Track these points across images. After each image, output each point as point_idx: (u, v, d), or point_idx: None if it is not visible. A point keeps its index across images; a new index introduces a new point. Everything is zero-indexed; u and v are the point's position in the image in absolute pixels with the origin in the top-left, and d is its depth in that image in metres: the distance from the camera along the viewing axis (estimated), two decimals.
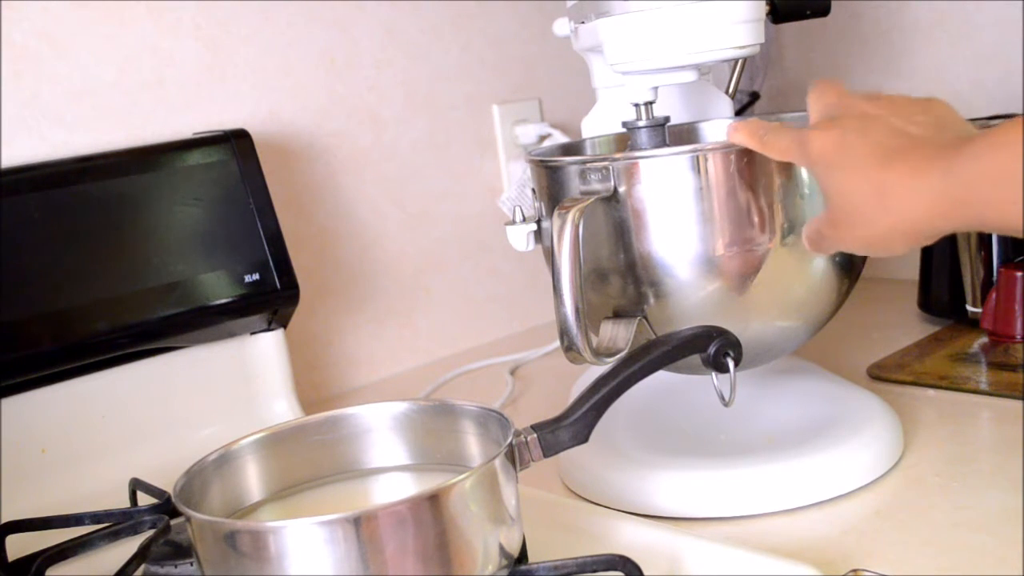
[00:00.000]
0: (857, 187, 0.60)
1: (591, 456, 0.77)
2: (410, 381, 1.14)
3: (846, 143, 0.61)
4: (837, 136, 0.62)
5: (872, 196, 0.59)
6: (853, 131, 0.61)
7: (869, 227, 0.60)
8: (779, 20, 0.94)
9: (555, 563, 0.58)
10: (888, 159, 0.58)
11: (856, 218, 0.61)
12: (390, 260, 1.16)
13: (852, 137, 0.61)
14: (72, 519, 0.73)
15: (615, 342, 0.75)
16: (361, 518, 0.52)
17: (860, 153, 0.60)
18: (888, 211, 0.58)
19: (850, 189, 0.60)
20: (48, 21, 0.92)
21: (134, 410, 0.90)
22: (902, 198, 0.57)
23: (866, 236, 0.61)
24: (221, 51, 1.03)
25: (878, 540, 0.67)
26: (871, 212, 0.59)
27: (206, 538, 0.56)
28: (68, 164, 0.88)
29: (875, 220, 0.59)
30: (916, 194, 0.56)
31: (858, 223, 0.61)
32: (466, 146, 1.23)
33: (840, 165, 0.61)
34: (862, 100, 0.64)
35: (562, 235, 0.69)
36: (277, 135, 1.07)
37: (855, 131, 0.61)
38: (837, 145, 0.61)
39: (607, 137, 0.93)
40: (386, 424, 0.68)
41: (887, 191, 0.58)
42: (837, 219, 0.63)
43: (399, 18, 1.16)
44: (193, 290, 0.89)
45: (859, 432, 0.76)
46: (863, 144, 0.60)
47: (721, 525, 0.72)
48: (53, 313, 0.83)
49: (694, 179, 0.72)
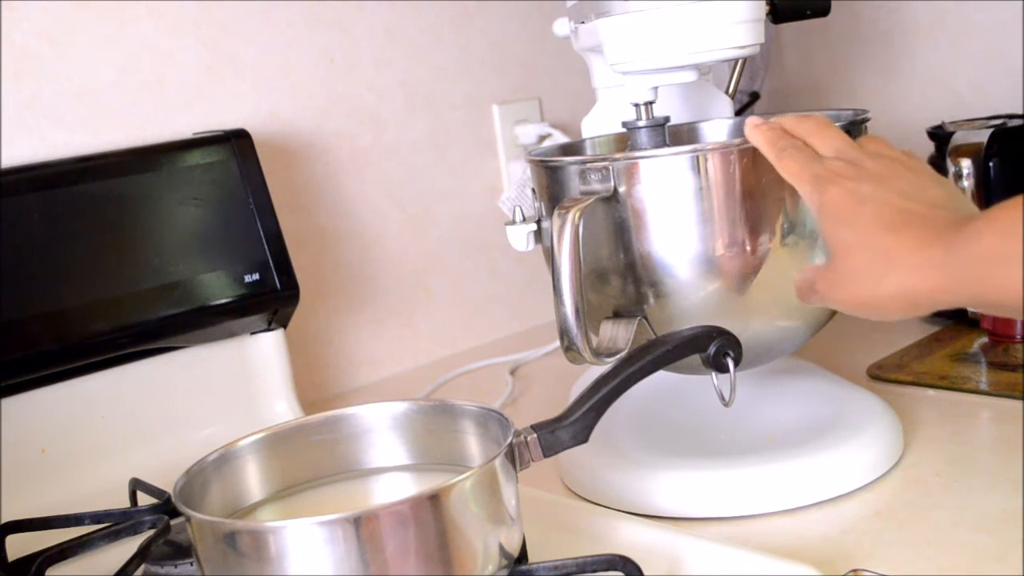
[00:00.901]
0: (864, 249, 0.60)
1: (591, 456, 0.77)
2: (410, 381, 1.14)
3: (860, 201, 0.61)
4: (852, 192, 0.62)
5: (878, 261, 0.59)
6: (869, 191, 0.61)
7: (869, 290, 0.60)
8: (779, 20, 0.94)
9: (555, 563, 0.58)
10: (898, 226, 0.59)
11: (857, 279, 0.60)
12: (390, 260, 1.16)
13: (867, 197, 0.61)
14: (72, 519, 0.73)
15: (615, 342, 0.75)
16: (361, 518, 0.52)
17: (872, 215, 0.60)
18: (891, 279, 0.58)
19: (856, 249, 0.60)
20: (48, 21, 0.92)
21: (134, 410, 0.90)
22: (907, 268, 0.57)
23: (864, 298, 0.61)
24: (221, 51, 1.03)
25: (878, 540, 0.67)
26: (875, 276, 0.59)
27: (206, 538, 0.56)
28: (68, 164, 0.88)
29: (877, 285, 0.59)
30: (920, 267, 0.57)
31: (859, 284, 0.61)
32: (466, 146, 1.23)
33: (850, 222, 0.61)
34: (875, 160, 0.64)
35: (562, 235, 0.69)
36: (277, 135, 1.07)
37: (871, 192, 0.61)
38: (851, 202, 0.61)
39: (607, 137, 0.93)
40: (386, 424, 0.68)
41: (894, 259, 0.58)
42: (837, 276, 0.62)
43: (399, 18, 1.16)
44: (193, 290, 0.89)
45: (859, 432, 0.76)
46: (876, 207, 0.60)
47: (721, 525, 0.72)
48: (53, 313, 0.83)
49: (694, 179, 0.72)
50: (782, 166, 0.67)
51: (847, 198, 0.62)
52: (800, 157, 0.66)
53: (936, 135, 1.06)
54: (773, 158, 0.67)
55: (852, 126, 0.76)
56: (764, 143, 0.68)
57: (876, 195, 0.61)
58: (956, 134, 0.99)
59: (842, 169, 0.63)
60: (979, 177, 0.96)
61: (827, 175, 0.63)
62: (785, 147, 0.67)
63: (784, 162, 0.67)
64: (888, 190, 0.61)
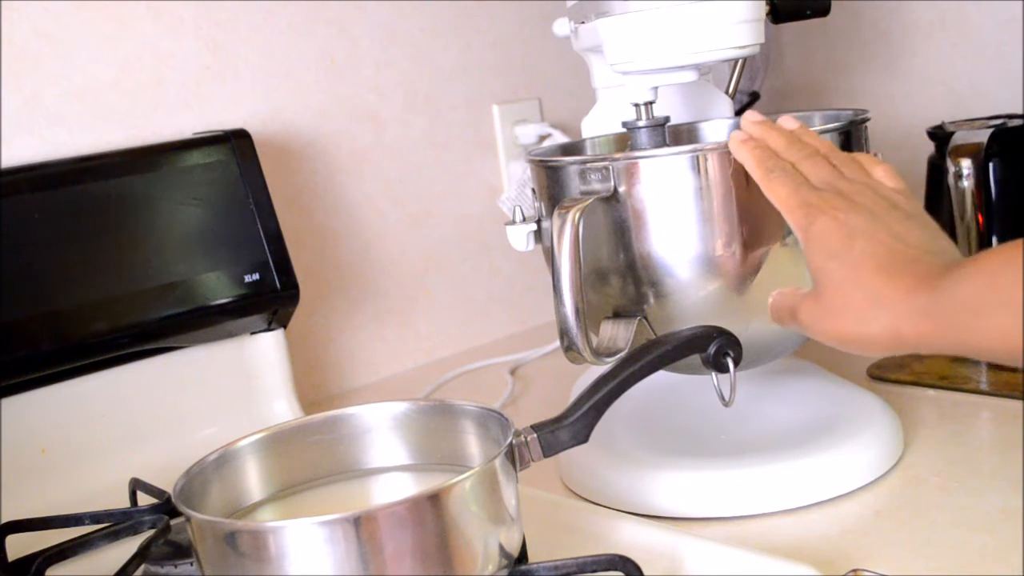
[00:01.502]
0: (855, 287, 0.60)
1: (591, 456, 0.77)
2: (410, 381, 1.14)
3: (851, 235, 0.61)
4: (842, 224, 0.61)
5: (868, 302, 0.59)
6: (860, 226, 0.61)
7: (856, 328, 0.60)
8: (779, 20, 0.94)
9: (555, 563, 0.58)
10: (889, 268, 0.59)
11: (845, 316, 0.60)
12: (390, 260, 1.16)
13: (857, 232, 0.61)
14: (72, 519, 0.73)
15: (615, 342, 0.75)
16: (361, 518, 0.52)
17: (863, 252, 0.60)
18: (880, 321, 0.58)
19: (847, 287, 0.60)
20: (48, 21, 0.92)
21: (134, 410, 0.90)
22: (896, 312, 0.58)
23: (850, 335, 0.61)
24: (221, 51, 1.03)
25: (878, 540, 0.67)
26: (864, 316, 0.59)
27: (206, 538, 0.56)
28: (68, 164, 0.88)
29: (865, 324, 0.59)
30: (909, 312, 0.57)
31: (846, 321, 0.60)
32: (466, 146, 1.23)
33: (841, 257, 0.61)
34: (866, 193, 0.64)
35: (562, 235, 0.69)
36: (277, 135, 1.07)
37: (862, 227, 0.61)
38: (841, 236, 0.61)
39: (607, 137, 0.93)
40: (386, 424, 0.68)
41: (884, 301, 0.58)
42: (823, 310, 0.62)
43: (399, 18, 1.16)
44: (193, 290, 0.89)
45: (859, 432, 0.76)
46: (867, 244, 0.60)
47: (721, 525, 0.72)
48: (53, 313, 0.83)
49: (694, 179, 0.72)
50: (770, 188, 0.66)
51: (837, 230, 0.61)
52: (789, 182, 0.65)
53: (936, 135, 1.06)
54: (760, 179, 0.67)
55: (852, 126, 0.76)
56: (752, 162, 0.67)
57: (867, 231, 0.61)
58: (956, 134, 0.99)
59: (832, 199, 0.63)
60: (979, 177, 0.96)
61: (817, 204, 0.63)
62: (773, 168, 0.66)
63: (772, 185, 0.66)
64: (879, 227, 0.61)
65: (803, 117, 0.83)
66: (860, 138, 0.77)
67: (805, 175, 0.66)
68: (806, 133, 0.70)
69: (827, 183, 0.65)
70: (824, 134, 0.74)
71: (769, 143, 0.68)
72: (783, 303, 0.67)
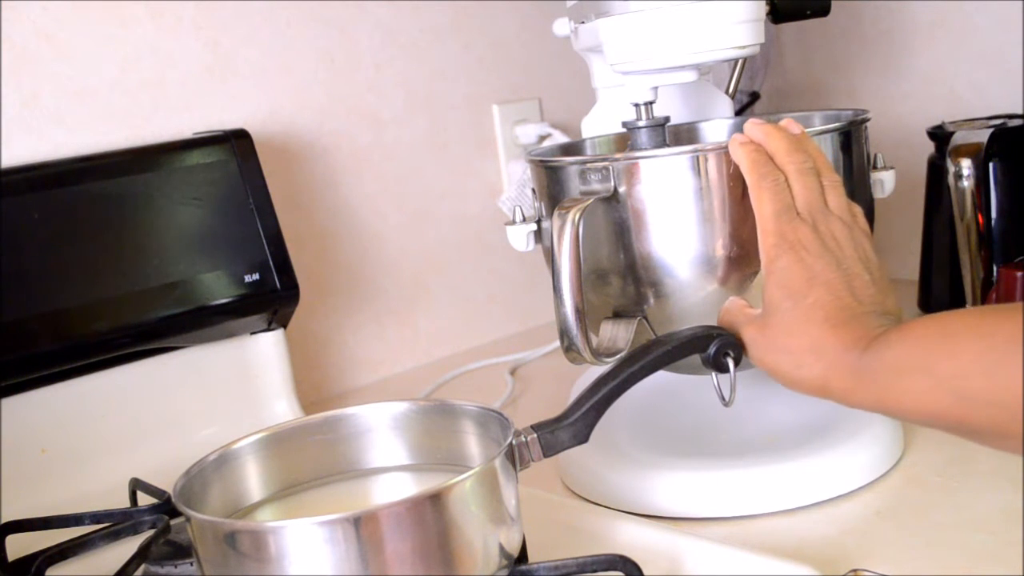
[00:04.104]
0: (799, 333, 0.62)
1: (591, 456, 0.77)
2: (410, 381, 1.14)
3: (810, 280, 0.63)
4: (807, 268, 0.64)
5: (807, 350, 0.62)
6: (821, 272, 0.63)
7: (789, 369, 0.63)
8: (779, 20, 0.94)
9: (555, 563, 0.58)
10: (835, 322, 0.61)
11: (783, 354, 0.63)
12: (390, 260, 1.16)
13: (817, 279, 0.63)
14: (72, 519, 0.73)
15: (615, 342, 0.75)
16: (361, 518, 0.52)
17: (816, 301, 0.62)
18: (813, 369, 0.61)
19: (792, 330, 0.63)
20: (48, 21, 0.92)
21: (134, 410, 0.90)
22: (829, 365, 0.60)
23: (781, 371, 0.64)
24: (221, 51, 1.03)
25: (878, 540, 0.67)
26: (799, 361, 0.62)
27: (206, 538, 0.56)
28: (68, 164, 0.88)
29: (798, 368, 0.62)
30: (839, 367, 0.60)
31: (782, 359, 0.64)
32: (466, 146, 1.23)
33: (795, 298, 0.63)
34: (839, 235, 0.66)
35: (562, 235, 0.69)
36: (277, 135, 1.07)
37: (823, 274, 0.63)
38: (802, 279, 0.63)
39: (607, 137, 0.93)
40: (386, 424, 0.68)
41: (821, 353, 0.61)
42: (764, 341, 0.65)
43: (399, 18, 1.16)
44: (193, 290, 0.89)
45: (859, 432, 0.76)
46: (823, 294, 0.63)
47: (721, 525, 0.72)
48: (53, 313, 0.83)
49: (694, 179, 0.72)
50: (758, 197, 0.67)
51: (801, 273, 0.64)
52: (777, 199, 0.67)
53: (936, 135, 1.06)
54: (752, 184, 0.68)
55: (852, 126, 0.76)
56: (747, 164, 0.68)
57: (827, 280, 0.63)
58: (956, 134, 0.99)
59: (805, 236, 0.65)
60: (979, 177, 0.96)
61: (791, 237, 0.65)
62: (766, 176, 0.67)
63: (761, 194, 0.67)
64: (839, 279, 0.63)
65: (803, 117, 0.83)
66: (860, 138, 0.77)
67: (794, 193, 0.67)
68: (808, 142, 0.70)
69: (810, 212, 0.66)
70: (824, 134, 0.74)
71: (770, 145, 0.69)
72: (731, 317, 0.69)
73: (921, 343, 0.55)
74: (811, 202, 0.67)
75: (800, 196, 0.67)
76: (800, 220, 0.66)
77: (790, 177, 0.68)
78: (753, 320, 0.66)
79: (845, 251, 0.65)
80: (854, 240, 0.66)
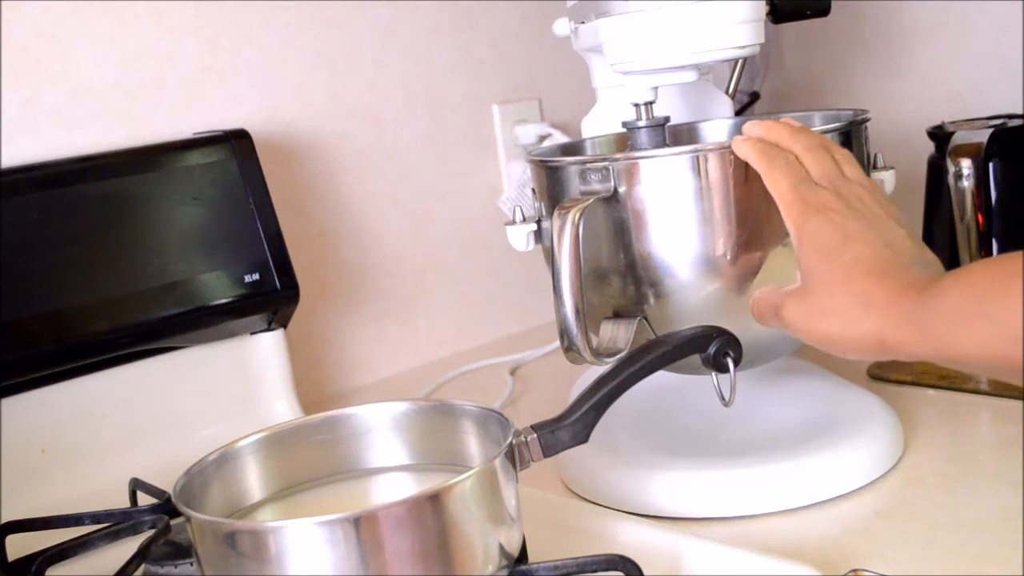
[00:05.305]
0: (845, 289, 0.60)
1: (591, 456, 0.77)
2: (410, 381, 1.14)
3: (845, 238, 0.61)
4: (839, 227, 0.62)
5: (856, 304, 0.59)
6: (855, 230, 0.61)
7: (842, 330, 0.60)
8: (779, 20, 0.94)
9: (555, 563, 0.58)
10: (879, 273, 0.59)
11: (832, 317, 0.60)
12: (390, 260, 1.16)
13: (852, 236, 0.61)
14: (72, 519, 0.73)
15: (615, 342, 0.75)
16: (361, 518, 0.52)
17: (856, 256, 0.60)
18: (866, 324, 0.58)
19: (837, 288, 0.60)
20: (48, 21, 0.92)
21: (134, 410, 0.90)
22: (883, 316, 0.58)
23: (834, 336, 0.61)
24: (221, 51, 1.03)
25: (878, 540, 0.67)
26: (851, 318, 0.59)
27: (206, 538, 0.56)
28: (68, 164, 0.88)
29: (851, 327, 0.59)
30: (895, 317, 0.57)
31: (832, 322, 0.61)
32: (466, 146, 1.23)
33: (833, 258, 0.61)
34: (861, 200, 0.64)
35: (562, 235, 0.69)
36: (277, 135, 1.07)
37: (856, 231, 0.61)
38: (836, 238, 0.61)
39: (607, 137, 0.93)
40: (386, 424, 0.68)
41: (872, 305, 0.58)
42: (810, 309, 0.62)
43: (399, 18, 1.16)
44: (193, 290, 0.89)
45: (859, 432, 0.76)
46: (861, 248, 0.60)
47: (721, 525, 0.72)
48: (53, 313, 0.83)
49: (694, 179, 0.72)
50: (772, 178, 0.66)
51: (833, 232, 0.62)
52: (791, 174, 0.65)
53: (936, 135, 1.06)
54: (763, 169, 0.67)
55: (852, 126, 0.76)
56: (754, 154, 0.67)
57: (862, 236, 0.61)
58: (956, 134, 0.99)
59: (830, 200, 0.63)
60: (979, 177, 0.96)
61: (815, 202, 0.63)
62: (776, 158, 0.66)
63: (774, 175, 0.66)
64: (873, 234, 0.61)
65: (803, 117, 0.83)
66: (860, 138, 0.77)
67: (807, 168, 0.66)
68: (807, 131, 0.70)
69: (828, 180, 0.65)
70: (824, 134, 0.74)
71: (772, 136, 0.68)
72: (766, 300, 0.66)
73: (980, 289, 0.53)
74: (827, 172, 0.66)
75: (814, 169, 0.66)
76: (820, 187, 0.64)
77: (800, 155, 0.67)
78: (791, 293, 0.64)
79: (873, 209, 0.63)
80: (878, 199, 0.65)
